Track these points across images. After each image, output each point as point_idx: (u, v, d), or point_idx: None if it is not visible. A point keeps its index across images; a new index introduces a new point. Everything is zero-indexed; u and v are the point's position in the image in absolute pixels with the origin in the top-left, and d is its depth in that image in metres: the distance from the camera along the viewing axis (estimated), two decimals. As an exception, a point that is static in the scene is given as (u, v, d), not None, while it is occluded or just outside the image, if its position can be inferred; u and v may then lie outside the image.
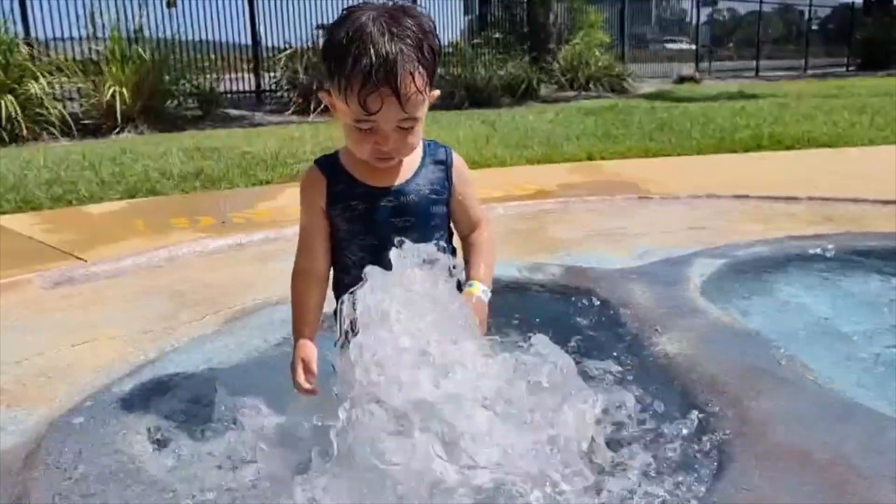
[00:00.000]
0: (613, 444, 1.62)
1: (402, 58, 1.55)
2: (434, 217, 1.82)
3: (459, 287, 1.73)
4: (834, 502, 1.39)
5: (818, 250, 3.19)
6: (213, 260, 3.71)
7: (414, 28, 1.59)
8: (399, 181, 1.78)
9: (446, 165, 1.84)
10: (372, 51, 1.53)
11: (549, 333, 1.71)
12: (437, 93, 1.73)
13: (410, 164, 1.80)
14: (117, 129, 9.66)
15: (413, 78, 1.57)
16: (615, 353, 1.85)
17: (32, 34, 10.84)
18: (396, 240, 1.57)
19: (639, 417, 1.70)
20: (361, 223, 1.76)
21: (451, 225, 1.90)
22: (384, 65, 1.53)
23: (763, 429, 1.65)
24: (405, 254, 1.54)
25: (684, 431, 1.64)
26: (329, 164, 1.82)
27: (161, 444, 1.83)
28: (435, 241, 1.73)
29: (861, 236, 3.50)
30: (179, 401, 2.05)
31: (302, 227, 1.85)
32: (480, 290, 1.77)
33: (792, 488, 1.43)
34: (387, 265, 1.57)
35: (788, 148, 7.12)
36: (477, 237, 1.90)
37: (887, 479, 1.46)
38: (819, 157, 6.60)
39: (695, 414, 1.72)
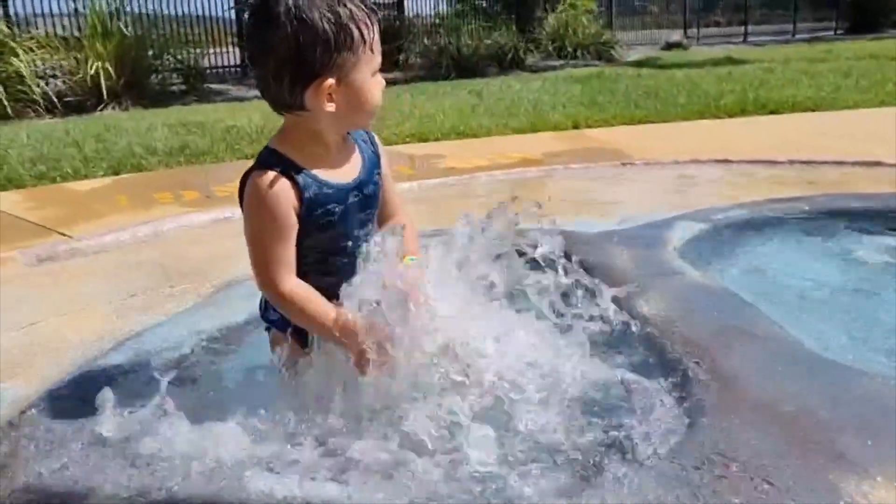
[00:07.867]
0: (588, 397, 1.66)
1: None
2: (379, 202, 1.75)
3: None
4: (798, 453, 1.43)
5: (797, 212, 3.23)
6: (198, 234, 3.71)
7: None
8: (358, 172, 1.67)
9: (373, 142, 1.76)
10: (350, 6, 1.51)
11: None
12: None
13: (353, 147, 1.70)
14: (101, 106, 9.56)
15: None
16: (591, 313, 1.87)
17: (11, 10, 10.70)
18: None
19: (613, 373, 1.74)
20: (335, 227, 1.62)
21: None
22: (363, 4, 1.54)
23: (732, 383, 1.69)
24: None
25: (655, 386, 1.67)
26: (286, 166, 1.58)
27: (145, 417, 1.84)
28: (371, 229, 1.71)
29: (840, 197, 3.52)
30: (163, 373, 2.06)
31: (266, 246, 1.57)
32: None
33: (757, 440, 1.47)
34: (343, 263, 1.61)
35: (773, 112, 7.13)
36: (405, 220, 1.77)
37: (851, 430, 1.50)
38: (803, 121, 6.62)
39: (666, 369, 1.76)
